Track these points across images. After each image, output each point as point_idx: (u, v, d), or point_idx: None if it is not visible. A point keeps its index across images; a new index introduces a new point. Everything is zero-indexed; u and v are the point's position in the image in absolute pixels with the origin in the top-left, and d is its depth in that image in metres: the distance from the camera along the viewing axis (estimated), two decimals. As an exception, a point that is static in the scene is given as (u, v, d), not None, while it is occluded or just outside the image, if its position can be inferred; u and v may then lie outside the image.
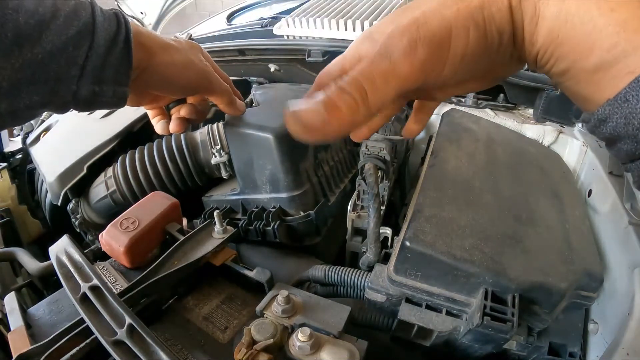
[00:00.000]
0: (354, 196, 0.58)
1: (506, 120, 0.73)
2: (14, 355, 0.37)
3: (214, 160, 0.66)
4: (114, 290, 0.41)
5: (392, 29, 0.24)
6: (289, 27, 0.99)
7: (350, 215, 0.58)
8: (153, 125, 0.54)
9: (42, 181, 0.83)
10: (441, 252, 0.39)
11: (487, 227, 0.43)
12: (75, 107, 0.38)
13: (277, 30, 1.02)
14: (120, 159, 0.70)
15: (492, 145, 0.60)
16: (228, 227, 0.52)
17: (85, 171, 0.71)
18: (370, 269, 0.50)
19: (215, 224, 0.51)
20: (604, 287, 0.46)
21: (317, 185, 0.63)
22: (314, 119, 0.23)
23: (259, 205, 0.62)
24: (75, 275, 0.42)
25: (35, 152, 0.89)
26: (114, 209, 0.70)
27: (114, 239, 0.49)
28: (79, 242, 0.60)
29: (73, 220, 0.74)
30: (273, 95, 0.71)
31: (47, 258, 0.53)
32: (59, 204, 0.72)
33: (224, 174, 0.67)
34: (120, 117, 0.81)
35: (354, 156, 0.77)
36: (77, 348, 0.37)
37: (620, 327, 0.37)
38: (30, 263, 0.67)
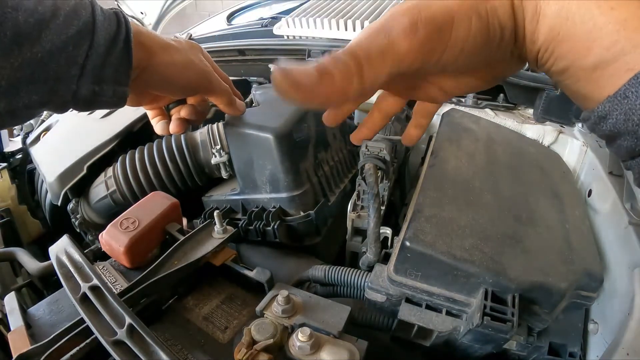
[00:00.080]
0: (354, 196, 0.58)
1: (506, 120, 0.73)
2: (14, 355, 0.37)
3: (214, 160, 0.66)
4: (114, 290, 0.41)
5: (392, 11, 0.24)
6: (289, 27, 0.99)
7: (350, 215, 0.58)
8: (152, 125, 0.54)
9: (42, 181, 0.83)
10: (441, 252, 0.39)
11: (487, 227, 0.43)
12: (75, 107, 0.38)
13: (277, 30, 1.02)
14: (120, 159, 0.70)
15: (492, 145, 0.60)
16: (228, 227, 0.52)
17: (85, 171, 0.71)
18: (370, 269, 0.50)
19: (215, 224, 0.51)
20: (604, 287, 0.46)
21: (317, 185, 0.63)
22: (303, 78, 0.22)
23: (259, 205, 0.62)
24: (75, 275, 0.42)
25: (35, 152, 0.89)
26: (114, 209, 0.70)
27: (114, 239, 0.49)
28: (79, 242, 0.60)
29: (73, 220, 0.74)
30: (273, 95, 0.71)
31: (47, 258, 0.53)
32: (59, 204, 0.72)
33: (224, 174, 0.67)
34: (120, 117, 0.81)
35: (354, 156, 0.77)
36: (77, 348, 0.37)
37: (620, 327, 0.37)
38: (30, 263, 0.67)
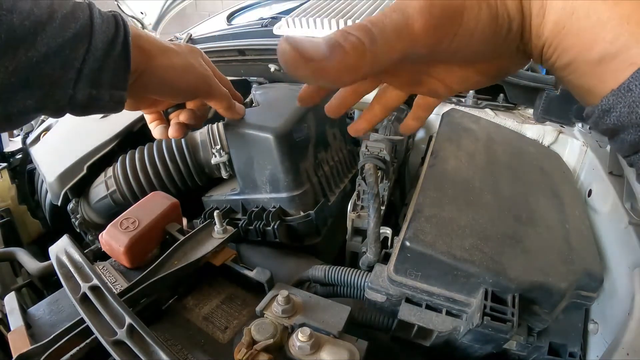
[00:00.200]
0: (354, 196, 0.58)
1: (506, 120, 0.73)
2: (14, 355, 0.37)
3: (214, 160, 0.66)
4: (114, 290, 0.41)
5: None
6: (289, 27, 0.99)
7: (350, 215, 0.58)
8: (151, 130, 0.53)
9: (42, 181, 0.83)
10: (441, 252, 0.39)
11: (487, 227, 0.43)
12: (72, 112, 0.37)
13: (277, 30, 1.01)
14: (120, 159, 0.70)
15: (492, 145, 0.60)
16: (228, 227, 0.52)
17: (85, 171, 0.71)
18: (370, 269, 0.50)
19: (215, 224, 0.51)
20: (604, 287, 0.46)
21: (317, 185, 0.63)
22: (313, 51, 0.21)
23: (259, 205, 0.62)
24: (75, 275, 0.42)
25: (35, 152, 0.89)
26: (114, 209, 0.70)
27: (114, 239, 0.49)
28: (79, 242, 0.60)
29: (73, 220, 0.74)
30: (273, 95, 0.71)
31: (47, 258, 0.53)
32: (59, 204, 0.72)
33: (224, 174, 0.67)
34: (120, 117, 0.81)
35: (354, 156, 0.77)
36: (77, 348, 0.37)
37: (620, 327, 0.37)
38: (30, 263, 0.67)
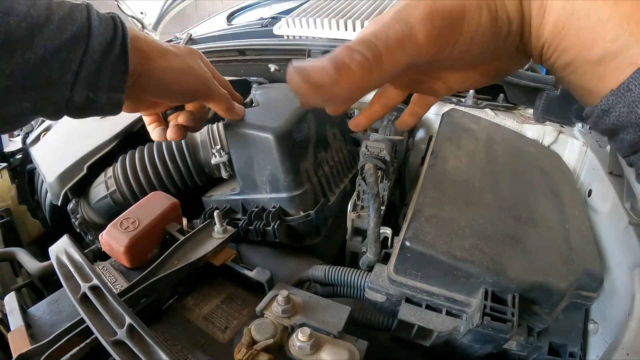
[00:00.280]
0: (354, 196, 0.58)
1: (506, 120, 0.73)
2: (14, 355, 0.37)
3: (214, 160, 0.66)
4: (114, 290, 0.41)
5: (406, 1, 0.24)
6: (289, 27, 0.99)
7: (350, 215, 0.58)
8: (149, 131, 0.53)
9: (42, 181, 0.83)
10: (441, 252, 0.39)
11: (487, 227, 0.43)
12: (69, 114, 0.37)
13: (277, 30, 1.02)
14: (120, 159, 0.70)
15: (492, 145, 0.60)
16: (228, 227, 0.52)
17: (85, 171, 0.71)
18: (370, 269, 0.50)
19: (215, 224, 0.51)
20: (604, 287, 0.46)
21: (317, 185, 0.63)
22: (321, 76, 0.21)
23: (259, 205, 0.62)
24: (75, 275, 0.42)
25: (35, 152, 0.89)
26: (114, 209, 0.70)
27: (114, 239, 0.49)
28: (79, 242, 0.60)
29: (73, 220, 0.74)
30: (273, 95, 0.71)
31: (47, 258, 0.53)
32: (59, 204, 0.72)
33: (224, 174, 0.67)
34: (120, 117, 0.80)
35: (354, 156, 0.77)
36: (77, 348, 0.37)
37: (620, 327, 0.37)
38: (30, 263, 0.67)
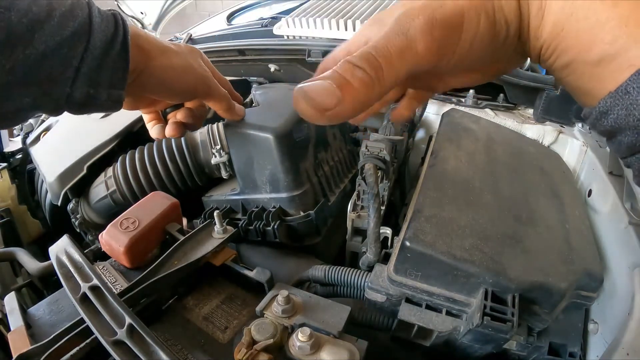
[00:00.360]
0: (354, 196, 0.58)
1: (506, 120, 0.73)
2: (14, 355, 0.37)
3: (214, 160, 0.66)
4: (114, 290, 0.41)
5: (405, 9, 0.24)
6: (289, 27, 0.99)
7: (350, 215, 0.58)
8: (148, 129, 0.53)
9: (42, 181, 0.83)
10: (441, 252, 0.39)
11: (487, 227, 0.43)
12: (69, 110, 0.37)
13: (277, 30, 1.01)
14: (120, 159, 0.70)
15: (492, 145, 0.60)
16: (228, 227, 0.52)
17: (85, 171, 0.71)
18: (370, 269, 0.50)
19: (215, 224, 0.51)
20: (604, 287, 0.46)
21: (317, 185, 0.63)
22: (326, 98, 0.22)
23: (259, 205, 0.62)
24: (75, 275, 0.42)
25: (35, 152, 0.89)
26: (114, 209, 0.70)
27: (114, 239, 0.49)
28: (79, 242, 0.60)
29: (73, 220, 0.74)
30: (273, 95, 0.71)
31: (47, 258, 0.53)
32: (59, 204, 0.72)
33: (224, 174, 0.67)
34: (120, 117, 0.81)
35: (354, 156, 0.77)
36: (77, 348, 0.37)
37: (620, 327, 0.37)
38: (30, 263, 0.67)
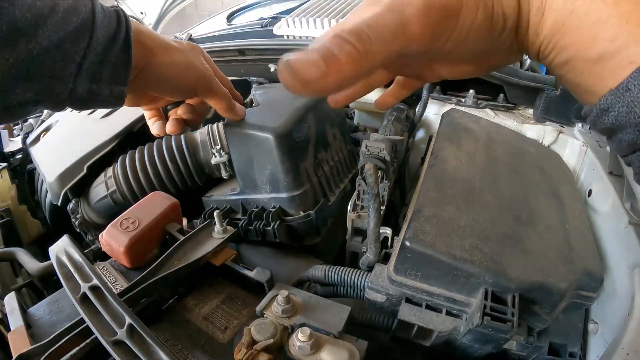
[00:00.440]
0: (354, 196, 0.58)
1: (506, 120, 0.73)
2: (14, 355, 0.37)
3: (214, 160, 0.66)
4: (114, 290, 0.41)
5: None
6: (289, 27, 0.99)
7: (350, 215, 0.58)
8: (149, 126, 0.54)
9: (42, 181, 0.83)
10: (441, 252, 0.39)
11: (487, 227, 0.43)
12: (71, 106, 0.37)
13: (277, 30, 1.01)
14: (120, 159, 0.70)
15: (492, 145, 0.60)
16: (228, 227, 0.52)
17: (85, 171, 0.71)
18: (370, 269, 0.50)
19: (215, 224, 0.51)
20: (604, 287, 0.46)
21: (317, 185, 0.63)
22: (310, 70, 0.21)
23: (259, 205, 0.62)
24: (75, 275, 0.42)
25: (35, 152, 0.89)
26: (114, 209, 0.70)
27: (114, 239, 0.49)
28: (79, 242, 0.60)
29: (73, 220, 0.74)
30: (273, 95, 0.71)
31: (47, 258, 0.53)
32: (59, 204, 0.72)
33: (224, 174, 0.67)
34: (120, 117, 0.81)
35: (354, 156, 0.77)
36: (77, 348, 0.37)
37: (620, 327, 0.37)
38: (30, 263, 0.67)
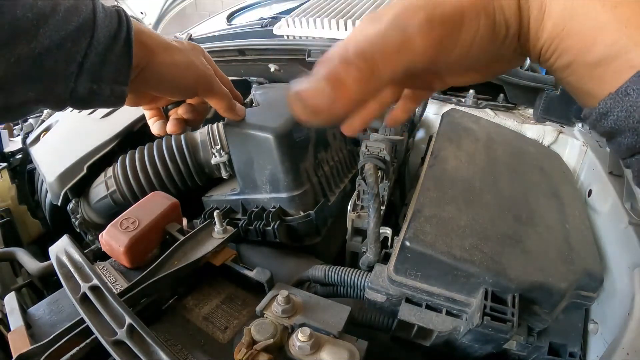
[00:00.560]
0: (354, 196, 0.58)
1: (506, 120, 0.73)
2: (14, 355, 0.37)
3: (214, 160, 0.66)
4: (114, 290, 0.41)
5: (403, 6, 0.23)
6: (289, 27, 0.99)
7: (350, 215, 0.58)
8: (150, 125, 0.54)
9: (42, 181, 0.83)
10: (441, 252, 0.39)
11: (487, 227, 0.43)
12: (72, 105, 0.37)
13: (277, 30, 1.01)
14: (120, 159, 0.70)
15: (492, 145, 0.60)
16: (228, 227, 0.52)
17: (85, 171, 0.71)
18: (370, 269, 0.50)
19: (215, 224, 0.51)
20: (604, 287, 0.46)
21: (317, 185, 0.63)
22: (319, 99, 0.21)
23: (259, 205, 0.62)
24: (75, 275, 0.42)
25: (35, 152, 0.89)
26: (114, 209, 0.70)
27: (114, 239, 0.49)
28: (79, 242, 0.60)
29: (73, 220, 0.74)
30: (273, 95, 0.71)
31: (47, 258, 0.53)
32: (59, 204, 0.72)
33: (224, 174, 0.67)
34: (120, 117, 0.81)
35: (354, 156, 0.77)
36: (77, 348, 0.37)
37: (620, 327, 0.37)
38: (30, 263, 0.67)
